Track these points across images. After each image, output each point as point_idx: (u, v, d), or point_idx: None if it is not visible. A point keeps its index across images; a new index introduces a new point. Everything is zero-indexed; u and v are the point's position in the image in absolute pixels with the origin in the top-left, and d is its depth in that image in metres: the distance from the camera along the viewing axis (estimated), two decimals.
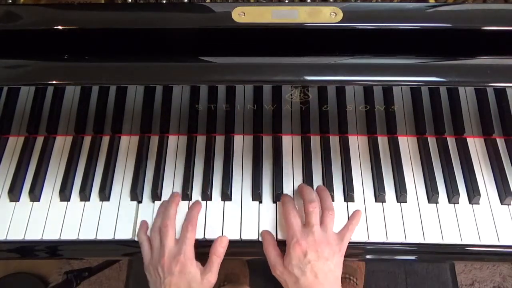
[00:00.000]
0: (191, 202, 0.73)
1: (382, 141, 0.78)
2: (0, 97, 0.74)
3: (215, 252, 0.69)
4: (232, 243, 0.71)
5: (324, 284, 0.63)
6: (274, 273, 0.67)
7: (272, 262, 0.67)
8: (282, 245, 0.68)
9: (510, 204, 0.73)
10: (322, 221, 0.68)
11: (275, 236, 0.70)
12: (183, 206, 0.72)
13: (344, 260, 0.66)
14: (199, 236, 0.70)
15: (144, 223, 0.72)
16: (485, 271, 1.51)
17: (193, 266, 0.67)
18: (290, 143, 0.79)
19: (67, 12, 0.61)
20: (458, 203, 0.73)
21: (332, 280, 0.64)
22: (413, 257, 0.72)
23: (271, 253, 0.68)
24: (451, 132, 0.78)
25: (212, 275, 0.67)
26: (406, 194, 0.72)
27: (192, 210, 0.72)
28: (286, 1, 0.64)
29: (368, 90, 0.72)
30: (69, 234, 0.70)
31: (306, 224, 0.67)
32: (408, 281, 1.05)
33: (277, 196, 0.73)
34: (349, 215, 0.71)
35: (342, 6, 0.59)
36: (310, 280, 0.63)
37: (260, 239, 0.70)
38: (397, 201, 0.73)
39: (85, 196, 0.73)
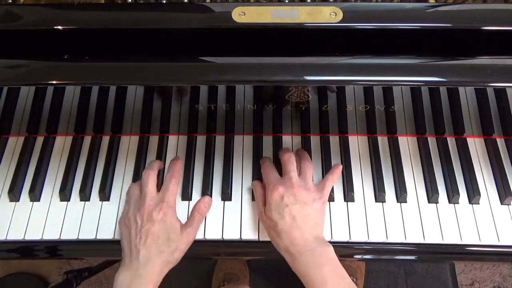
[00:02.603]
0: (191, 202, 0.73)
1: (382, 141, 0.78)
2: (0, 97, 0.74)
3: (197, 209, 0.70)
4: (232, 243, 0.71)
5: (302, 227, 0.63)
6: (261, 221, 0.69)
7: (258, 210, 0.69)
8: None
9: (510, 204, 0.73)
10: (300, 171, 0.70)
11: None
12: (183, 206, 0.72)
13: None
14: (199, 236, 0.70)
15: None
16: (485, 271, 1.51)
17: (174, 217, 0.67)
18: (290, 143, 0.79)
19: (67, 12, 0.61)
20: (458, 203, 0.73)
21: (311, 224, 0.64)
22: (413, 257, 0.72)
23: (259, 202, 0.69)
24: (451, 132, 0.78)
25: (192, 231, 0.67)
26: (406, 194, 0.72)
27: (174, 164, 0.73)
28: (286, 1, 0.64)
29: (368, 90, 0.72)
30: (69, 234, 0.71)
31: (283, 172, 0.70)
32: (408, 281, 1.05)
33: None
34: (349, 216, 0.71)
35: (342, 6, 0.59)
36: (289, 223, 0.63)
37: (260, 239, 0.70)
38: (397, 201, 0.73)
39: (85, 196, 0.73)
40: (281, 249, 0.65)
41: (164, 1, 0.66)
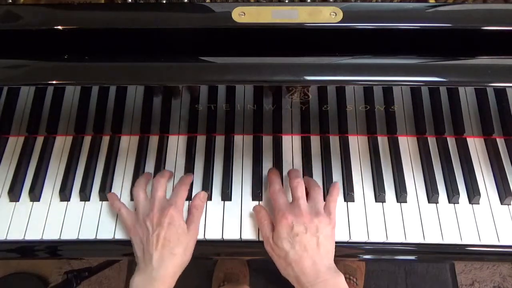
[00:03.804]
0: (191, 202, 0.73)
1: (382, 141, 0.78)
2: (0, 97, 0.74)
3: (195, 205, 0.71)
4: (232, 243, 0.71)
5: (313, 256, 0.62)
6: (266, 248, 0.67)
7: (264, 236, 0.67)
8: None
9: (510, 204, 0.73)
10: (309, 196, 0.69)
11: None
12: (184, 205, 0.72)
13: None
14: (200, 236, 0.70)
15: (113, 193, 0.73)
16: (485, 271, 1.51)
17: (182, 219, 0.68)
18: (290, 143, 0.79)
19: (67, 12, 0.61)
20: (458, 203, 0.73)
21: (322, 253, 0.64)
22: (413, 257, 0.72)
23: (265, 227, 0.67)
24: (451, 132, 0.78)
25: (195, 227, 0.69)
26: (406, 194, 0.72)
27: (185, 178, 0.74)
28: (286, 1, 0.64)
29: (368, 90, 0.72)
30: (69, 234, 0.71)
31: (292, 199, 0.68)
32: (408, 281, 1.05)
33: None
34: (349, 216, 0.71)
35: (342, 6, 0.59)
36: (300, 253, 0.62)
37: (260, 239, 0.70)
38: (397, 201, 0.73)
39: (85, 196, 0.73)
40: (291, 278, 0.64)
41: (164, 1, 0.66)
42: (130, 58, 0.60)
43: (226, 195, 0.73)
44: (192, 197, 0.72)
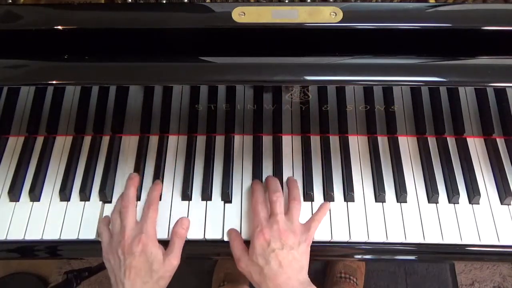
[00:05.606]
0: (191, 202, 0.73)
1: (382, 141, 0.78)
2: (0, 97, 0.74)
3: (175, 233, 0.69)
4: None
5: (289, 273, 0.63)
6: (239, 268, 0.67)
7: (236, 256, 0.67)
8: None
9: (510, 204, 0.73)
10: (288, 211, 0.69)
11: None
12: (184, 206, 0.72)
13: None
14: (199, 236, 0.70)
15: (105, 217, 0.72)
16: (485, 271, 1.51)
17: (155, 247, 0.66)
18: (290, 143, 0.79)
19: (67, 12, 0.61)
20: (458, 203, 0.73)
21: (297, 269, 0.64)
22: (413, 257, 0.72)
23: (236, 247, 0.67)
24: (451, 132, 0.78)
25: (175, 257, 0.67)
26: (406, 194, 0.72)
27: (152, 192, 0.72)
28: (286, 1, 0.64)
29: (368, 90, 0.72)
30: (69, 234, 0.71)
31: (270, 213, 0.68)
32: (408, 281, 1.05)
33: None
34: (349, 215, 0.71)
35: (342, 6, 0.59)
36: (275, 269, 0.62)
37: None
38: (397, 201, 0.73)
39: (85, 196, 0.73)
40: None
41: (164, 1, 0.66)
42: (130, 58, 0.60)
43: (226, 195, 0.73)
44: (175, 222, 0.70)
